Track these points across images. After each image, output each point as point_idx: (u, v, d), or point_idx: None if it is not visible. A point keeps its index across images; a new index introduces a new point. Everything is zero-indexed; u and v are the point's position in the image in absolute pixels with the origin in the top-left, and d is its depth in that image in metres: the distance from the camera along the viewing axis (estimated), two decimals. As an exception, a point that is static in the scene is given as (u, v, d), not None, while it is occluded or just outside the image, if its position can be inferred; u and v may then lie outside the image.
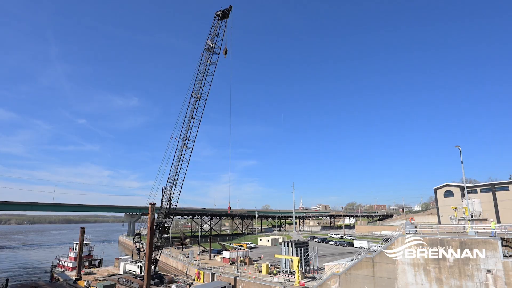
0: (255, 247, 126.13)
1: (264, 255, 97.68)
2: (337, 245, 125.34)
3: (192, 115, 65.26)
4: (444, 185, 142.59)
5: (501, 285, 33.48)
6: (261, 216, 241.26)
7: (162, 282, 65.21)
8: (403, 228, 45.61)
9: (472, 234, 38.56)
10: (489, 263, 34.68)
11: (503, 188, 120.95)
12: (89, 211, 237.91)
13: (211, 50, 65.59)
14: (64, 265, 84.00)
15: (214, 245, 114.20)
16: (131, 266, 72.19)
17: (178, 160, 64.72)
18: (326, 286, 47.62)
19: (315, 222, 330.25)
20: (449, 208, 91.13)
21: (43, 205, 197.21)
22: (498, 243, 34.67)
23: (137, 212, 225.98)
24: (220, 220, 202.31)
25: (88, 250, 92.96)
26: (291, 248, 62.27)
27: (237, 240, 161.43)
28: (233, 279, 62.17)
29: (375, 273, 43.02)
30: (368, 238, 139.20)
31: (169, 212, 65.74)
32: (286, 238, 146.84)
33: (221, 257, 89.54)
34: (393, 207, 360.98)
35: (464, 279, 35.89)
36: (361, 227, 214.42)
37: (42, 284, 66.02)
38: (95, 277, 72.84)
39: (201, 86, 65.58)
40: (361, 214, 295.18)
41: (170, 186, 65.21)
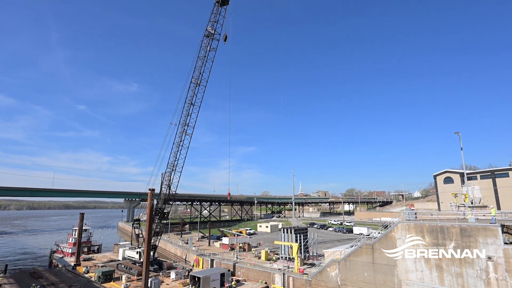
0: (254, 234, 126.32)
1: (264, 242, 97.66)
2: (337, 231, 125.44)
3: (192, 101, 64.68)
4: (444, 171, 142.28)
5: (502, 272, 33.10)
6: (261, 202, 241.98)
7: (161, 268, 65.03)
8: (403, 215, 45.22)
9: (472, 220, 38.12)
10: (489, 250, 34.24)
11: (503, 174, 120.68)
12: (89, 197, 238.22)
13: (211, 36, 64.79)
14: (63, 251, 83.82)
15: (213, 231, 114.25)
16: (130, 252, 71.92)
17: (178, 146, 64.24)
18: (325, 273, 47.21)
19: (315, 208, 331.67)
20: (449, 194, 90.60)
21: (43, 190, 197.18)
22: (498, 230, 34.22)
23: (136, 198, 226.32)
24: (219, 206, 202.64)
25: (87, 236, 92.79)
26: (290, 235, 61.79)
27: (236, 226, 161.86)
28: (232, 265, 61.89)
29: (375, 260, 42.60)
30: (368, 225, 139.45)
31: (169, 198, 65.34)
32: (285, 224, 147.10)
33: (220, 243, 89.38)
34: (392, 193, 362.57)
35: (465, 266, 35.47)
36: (360, 213, 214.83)
37: (41, 270, 65.87)
38: (94, 263, 72.72)
39: (201, 72, 65.01)
40: (361, 201, 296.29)
41: (170, 172, 64.72)
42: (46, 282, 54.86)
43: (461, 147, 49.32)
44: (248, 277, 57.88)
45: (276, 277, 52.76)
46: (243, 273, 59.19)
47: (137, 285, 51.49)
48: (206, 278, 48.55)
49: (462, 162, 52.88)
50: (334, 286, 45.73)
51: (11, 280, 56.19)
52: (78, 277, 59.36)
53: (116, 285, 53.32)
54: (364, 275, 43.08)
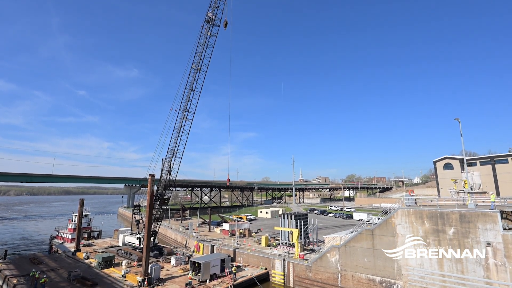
0: (254, 219, 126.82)
1: (264, 227, 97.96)
2: (337, 217, 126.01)
3: (192, 87, 64.24)
4: (443, 157, 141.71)
5: (501, 258, 33.01)
6: (261, 188, 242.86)
7: (161, 254, 65.15)
8: (403, 201, 44.95)
9: (471, 206, 37.95)
10: (488, 236, 34.11)
11: (503, 161, 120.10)
12: (89, 183, 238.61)
13: (211, 22, 64.06)
14: (63, 236, 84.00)
15: (214, 217, 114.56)
16: (130, 238, 71.97)
17: (178, 132, 63.82)
18: (325, 259, 47.17)
19: (315, 194, 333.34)
20: (448, 180, 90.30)
21: (43, 176, 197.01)
22: (497, 216, 34.03)
23: (136, 184, 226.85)
24: (219, 192, 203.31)
25: (87, 221, 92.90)
26: (290, 220, 61.71)
27: (236, 212, 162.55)
28: (232, 251, 61.98)
29: (375, 245, 42.46)
30: (368, 211, 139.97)
31: (169, 184, 65.11)
32: (285, 210, 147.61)
33: (220, 229, 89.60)
34: (392, 179, 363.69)
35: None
36: (360, 199, 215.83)
37: (40, 256, 65.88)
38: (94, 248, 72.84)
39: (201, 58, 64.49)
40: (361, 187, 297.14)
41: (170, 158, 64.37)
42: (46, 267, 54.88)
43: (461, 133, 49.07)
44: (248, 263, 58.01)
45: (276, 263, 52.81)
46: (244, 259, 59.30)
47: (137, 271, 51.48)
48: (207, 263, 48.53)
49: (462, 148, 52.63)
50: (334, 271, 45.73)
51: (10, 265, 56.21)
52: (78, 263, 59.42)
53: (116, 270, 53.35)
54: (364, 261, 43.01)
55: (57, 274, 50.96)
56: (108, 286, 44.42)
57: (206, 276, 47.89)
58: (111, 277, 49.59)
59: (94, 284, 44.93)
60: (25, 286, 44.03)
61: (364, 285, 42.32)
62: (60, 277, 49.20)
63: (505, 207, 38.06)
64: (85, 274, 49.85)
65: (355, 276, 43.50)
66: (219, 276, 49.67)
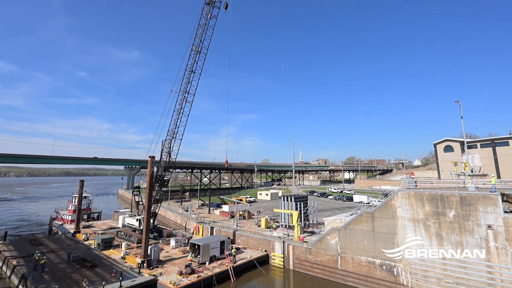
0: (254, 201, 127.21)
1: (264, 209, 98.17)
2: (337, 199, 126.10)
3: (192, 68, 63.45)
4: (444, 140, 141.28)
5: (502, 241, 32.69)
6: (261, 170, 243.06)
7: (161, 235, 65.29)
8: (403, 183, 44.54)
9: (472, 189, 37.49)
10: (489, 218, 33.75)
11: (503, 143, 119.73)
12: (89, 164, 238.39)
13: (212, 4, 63.10)
14: (63, 218, 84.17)
15: (213, 199, 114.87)
16: (130, 220, 72.05)
17: (178, 113, 63.13)
18: (325, 241, 47.05)
19: (315, 176, 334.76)
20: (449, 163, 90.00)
21: (43, 157, 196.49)
22: (498, 199, 33.56)
23: (136, 165, 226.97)
24: (219, 173, 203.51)
25: (87, 203, 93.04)
26: (290, 203, 61.43)
27: (236, 194, 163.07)
28: (232, 233, 62.02)
29: (375, 228, 42.24)
30: (368, 193, 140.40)
31: (169, 166, 64.70)
32: (285, 192, 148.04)
33: (220, 211, 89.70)
34: (393, 161, 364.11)
35: (464, 235, 35.03)
36: (360, 181, 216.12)
37: (40, 237, 66.06)
38: (93, 230, 73.07)
39: (202, 40, 63.64)
40: (361, 169, 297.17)
41: (170, 140, 63.80)
42: (46, 249, 54.96)
43: (461, 116, 48.53)
44: (248, 245, 58.08)
45: (276, 245, 52.80)
46: (243, 241, 59.36)
47: (137, 253, 51.56)
48: (206, 245, 48.45)
49: (462, 131, 52.18)
50: (334, 254, 45.68)
51: (10, 247, 56.29)
52: (77, 244, 59.51)
53: (116, 252, 53.42)
54: (364, 243, 42.85)
55: (56, 256, 51.00)
56: (107, 268, 44.39)
57: (206, 258, 47.89)
58: (111, 259, 49.60)
59: (93, 266, 44.91)
60: (25, 267, 44.01)
61: (364, 268, 42.29)
62: (59, 259, 49.23)
63: (506, 190, 37.71)
64: (85, 256, 49.90)
65: (355, 258, 43.44)
66: (218, 258, 49.69)
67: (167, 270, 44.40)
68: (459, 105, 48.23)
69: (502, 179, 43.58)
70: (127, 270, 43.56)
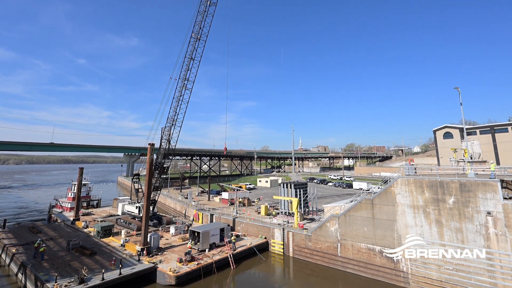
0: (254, 188, 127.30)
1: (263, 196, 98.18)
2: (336, 186, 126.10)
3: (192, 56, 62.74)
4: (443, 126, 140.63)
5: (501, 227, 32.56)
6: (260, 157, 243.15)
7: (161, 223, 65.36)
8: (403, 170, 44.19)
9: (471, 176, 37.16)
10: (488, 205, 33.56)
11: (503, 130, 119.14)
12: (88, 152, 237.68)
13: None
14: (62, 205, 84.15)
15: (213, 186, 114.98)
16: (130, 207, 72.01)
17: (178, 100, 62.59)
18: (325, 228, 47.00)
19: (314, 163, 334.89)
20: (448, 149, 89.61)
21: (42, 145, 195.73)
22: (497, 185, 33.30)
23: (136, 153, 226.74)
24: (219, 161, 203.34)
25: (87, 190, 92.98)
26: (290, 189, 61.33)
27: (236, 181, 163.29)
28: (232, 220, 62.05)
29: (375, 215, 42.11)
30: (368, 180, 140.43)
31: (168, 153, 64.38)
32: (285, 179, 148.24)
33: (220, 198, 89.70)
34: (392, 148, 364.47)
35: (464, 221, 34.88)
36: (360, 168, 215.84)
37: (40, 225, 66.06)
38: (93, 217, 73.05)
39: (201, 27, 62.89)
40: (360, 156, 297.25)
41: (169, 127, 63.32)
42: (45, 236, 54.92)
43: (461, 102, 48.22)
44: (247, 232, 58.14)
45: (276, 232, 52.81)
46: (243, 228, 59.41)
47: (137, 240, 51.53)
48: (206, 233, 48.42)
49: (461, 117, 51.88)
50: (333, 241, 45.67)
51: (9, 234, 56.27)
52: (77, 232, 59.53)
53: (115, 240, 53.42)
54: (364, 230, 42.78)
55: (56, 243, 50.98)
56: (107, 255, 44.39)
57: (205, 245, 47.91)
58: (110, 246, 49.61)
59: (93, 253, 44.90)
60: (24, 255, 43.98)
61: (364, 255, 42.31)
62: (59, 246, 49.21)
63: (505, 176, 37.29)
64: (84, 243, 49.89)
65: (355, 245, 43.43)
66: (218, 245, 49.75)
67: (167, 257, 44.42)
68: (459, 91, 47.91)
69: (502, 166, 43.40)
70: (126, 258, 43.57)
